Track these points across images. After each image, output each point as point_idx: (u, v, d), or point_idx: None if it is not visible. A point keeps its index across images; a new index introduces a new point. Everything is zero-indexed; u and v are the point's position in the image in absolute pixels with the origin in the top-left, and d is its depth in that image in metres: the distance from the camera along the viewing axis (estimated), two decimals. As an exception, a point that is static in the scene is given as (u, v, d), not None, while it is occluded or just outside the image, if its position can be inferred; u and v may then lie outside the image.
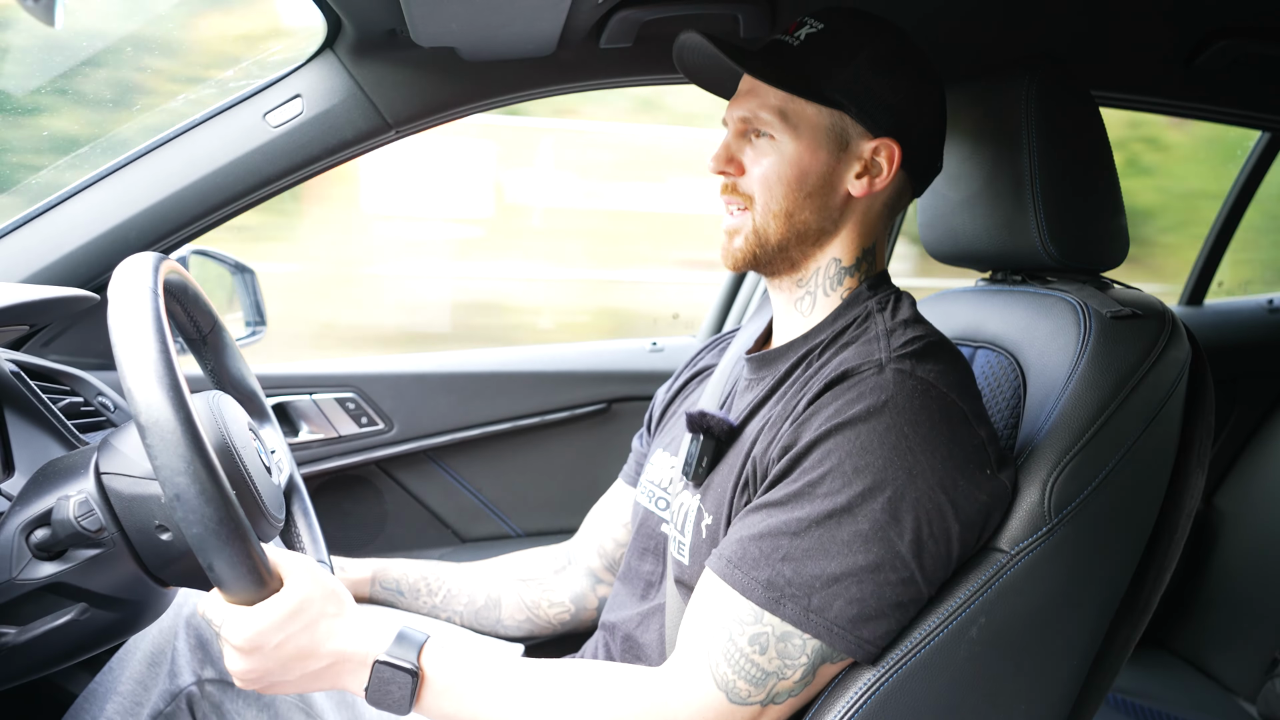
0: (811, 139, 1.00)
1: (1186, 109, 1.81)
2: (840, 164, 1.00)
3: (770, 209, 1.00)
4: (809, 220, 1.01)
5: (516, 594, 1.29)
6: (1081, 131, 1.13)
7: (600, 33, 1.46)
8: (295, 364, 1.81)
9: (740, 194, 1.02)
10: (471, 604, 1.28)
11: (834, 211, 1.01)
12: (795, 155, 0.99)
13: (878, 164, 1.01)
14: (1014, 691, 0.99)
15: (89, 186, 1.47)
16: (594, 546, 1.30)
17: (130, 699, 1.06)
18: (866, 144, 1.00)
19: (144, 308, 0.81)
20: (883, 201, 1.03)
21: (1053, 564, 0.94)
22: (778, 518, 0.89)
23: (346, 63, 1.50)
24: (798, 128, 0.99)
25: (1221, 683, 2.09)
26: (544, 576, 1.31)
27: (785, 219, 1.00)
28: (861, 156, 1.00)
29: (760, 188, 1.01)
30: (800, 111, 1.00)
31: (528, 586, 1.30)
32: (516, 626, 1.29)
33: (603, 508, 1.32)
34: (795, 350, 1.03)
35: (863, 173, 1.01)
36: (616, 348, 2.13)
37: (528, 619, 1.29)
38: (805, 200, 1.00)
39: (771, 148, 1.00)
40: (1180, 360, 1.04)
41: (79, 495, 0.89)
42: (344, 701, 1.09)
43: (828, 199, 1.01)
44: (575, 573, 1.31)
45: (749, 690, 0.87)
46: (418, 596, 1.27)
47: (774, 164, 1.00)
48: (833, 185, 1.01)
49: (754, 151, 1.02)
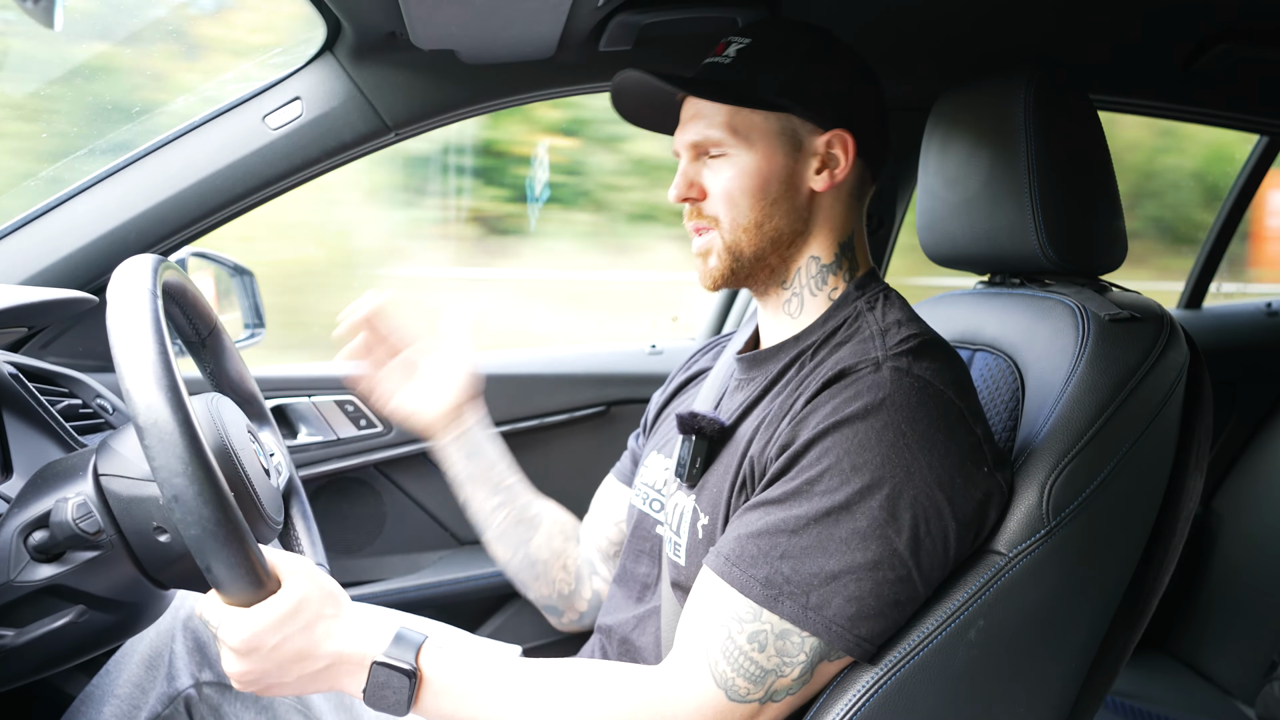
0: (765, 146, 1.01)
1: (1185, 112, 1.82)
2: (798, 164, 1.02)
3: (739, 224, 1.01)
4: (780, 226, 1.02)
5: (549, 532, 1.28)
6: (1080, 135, 1.13)
7: (600, 36, 1.46)
8: (294, 366, 1.81)
9: (706, 216, 1.03)
10: (526, 508, 1.26)
11: (802, 211, 1.03)
12: (753, 166, 1.01)
13: (834, 156, 1.02)
14: (1013, 694, 0.99)
15: (88, 188, 1.47)
16: (590, 539, 1.31)
17: (128, 701, 1.06)
18: (819, 138, 1.02)
19: (143, 310, 0.81)
20: (847, 192, 1.04)
21: (1051, 566, 0.94)
22: (776, 515, 0.90)
23: (346, 65, 1.50)
24: (749, 138, 1.01)
25: (1220, 685, 2.09)
26: (569, 535, 1.30)
27: (756, 230, 1.01)
28: (816, 152, 1.02)
29: (725, 205, 1.02)
30: (749, 122, 1.01)
31: (558, 535, 1.29)
32: (530, 564, 1.27)
33: (596, 504, 1.33)
34: (787, 351, 1.03)
35: (821, 167, 1.02)
36: (615, 350, 2.13)
37: (545, 562, 1.27)
38: (771, 207, 1.01)
39: (728, 164, 1.01)
40: (1178, 363, 1.04)
41: (77, 497, 0.89)
42: (342, 703, 1.09)
43: (793, 200, 1.02)
44: (583, 555, 1.31)
45: (748, 688, 0.88)
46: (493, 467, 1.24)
47: (734, 178, 1.01)
48: (795, 186, 1.02)
49: (711, 172, 1.03)
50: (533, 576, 1.28)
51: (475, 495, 1.26)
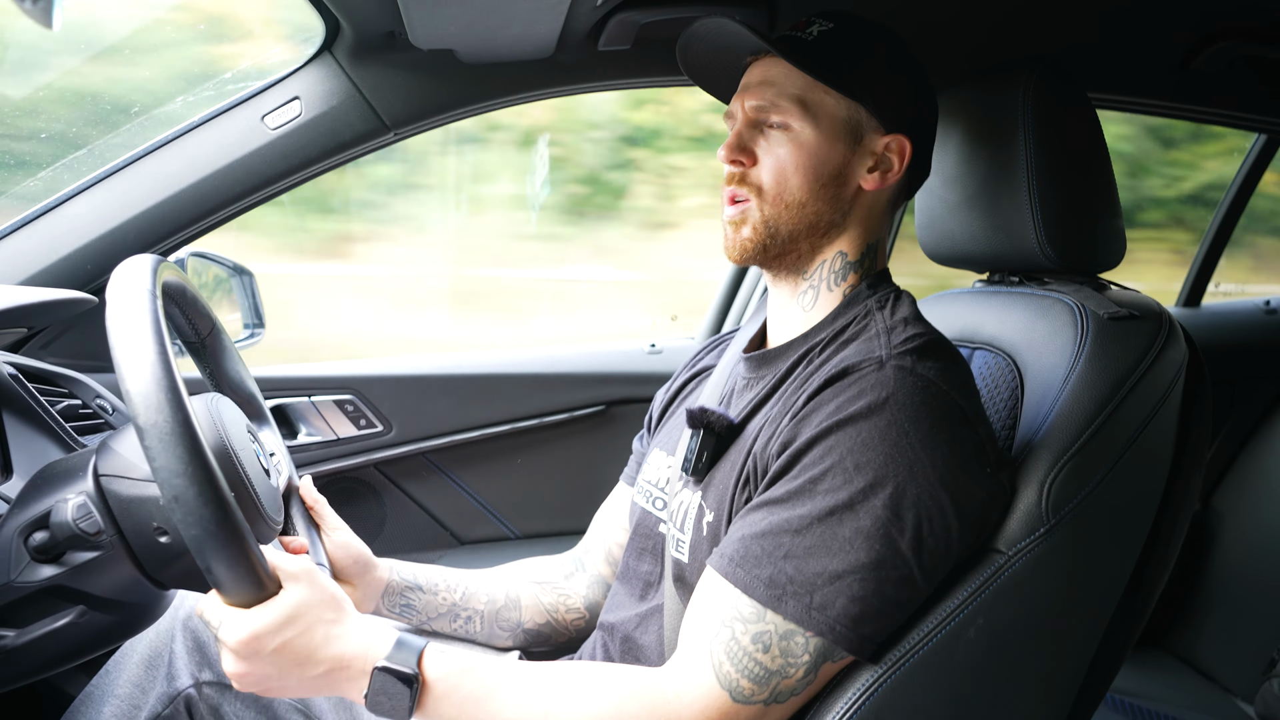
0: (830, 130, 1.00)
1: (1183, 111, 1.82)
2: (855, 157, 1.01)
3: (783, 199, 1.01)
4: (821, 211, 1.01)
5: (534, 595, 1.27)
6: (1078, 133, 1.13)
7: (599, 35, 1.46)
8: (294, 366, 1.81)
9: (749, 184, 1.02)
10: (492, 602, 1.25)
11: (844, 204, 1.02)
12: (812, 145, 1.00)
13: (888, 159, 1.02)
14: (1012, 692, 0.99)
15: (87, 188, 1.47)
16: (601, 552, 1.29)
17: (128, 701, 1.05)
18: (879, 139, 1.01)
19: (142, 310, 0.81)
20: (887, 198, 1.05)
21: (1050, 565, 0.94)
22: (779, 515, 0.89)
23: (345, 65, 1.50)
24: (817, 117, 1.00)
25: (1219, 683, 2.09)
26: (556, 581, 1.29)
27: (798, 209, 1.01)
28: (874, 151, 1.02)
29: (773, 178, 1.01)
30: (820, 101, 1.00)
31: (544, 590, 1.28)
32: (537, 630, 1.27)
33: (606, 512, 1.31)
34: (796, 348, 1.03)
35: (874, 167, 1.02)
36: (615, 350, 2.13)
37: (548, 622, 1.27)
38: (820, 191, 1.01)
39: (787, 137, 1.00)
40: (1177, 361, 1.04)
41: (77, 498, 0.89)
42: (343, 704, 1.09)
43: (840, 191, 1.01)
44: (586, 578, 1.29)
45: (752, 689, 0.87)
46: (436, 592, 1.23)
47: (790, 154, 1.00)
48: (845, 178, 1.01)
49: (768, 142, 1.02)
50: (546, 638, 1.28)
51: (442, 629, 1.24)
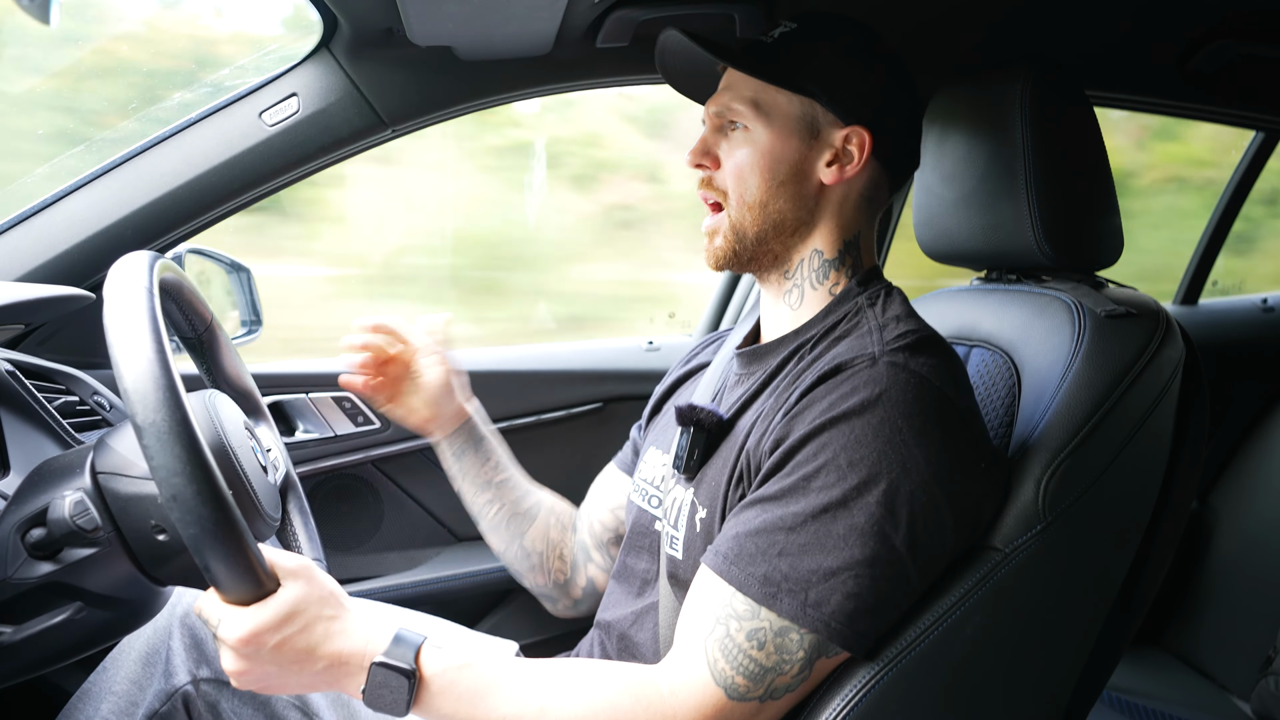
0: (783, 127, 1.02)
1: (1181, 109, 1.82)
2: (811, 151, 1.02)
3: (745, 200, 1.02)
4: (784, 209, 1.02)
5: (545, 524, 1.32)
6: (1076, 131, 1.14)
7: (597, 32, 1.46)
8: (291, 362, 1.80)
9: (715, 188, 1.04)
10: (518, 504, 1.31)
11: (809, 201, 1.03)
12: (767, 144, 1.02)
13: (849, 152, 1.02)
14: (1009, 689, 0.99)
15: (85, 185, 1.47)
16: (586, 525, 1.33)
17: (126, 698, 1.06)
18: (837, 132, 1.02)
19: (139, 306, 0.81)
20: (858, 192, 1.04)
21: (1047, 562, 0.94)
22: (773, 513, 0.90)
23: (343, 61, 1.50)
24: (770, 115, 1.02)
25: (1216, 680, 2.09)
26: (566, 525, 1.34)
27: (760, 209, 1.02)
28: (832, 144, 1.02)
29: (734, 179, 1.03)
30: (772, 101, 1.02)
31: (554, 526, 1.33)
32: (525, 555, 1.31)
33: (594, 490, 1.35)
34: (787, 345, 1.03)
35: (833, 160, 1.02)
36: (612, 347, 2.13)
37: (540, 554, 1.31)
38: (778, 189, 1.02)
39: (745, 138, 1.02)
40: (1174, 359, 1.04)
41: (75, 494, 0.89)
42: (340, 701, 1.09)
43: (801, 187, 1.02)
44: (578, 541, 1.33)
45: (747, 686, 0.88)
46: (486, 461, 1.29)
47: (747, 154, 1.02)
48: (805, 173, 1.02)
49: (728, 144, 1.04)
50: (528, 568, 1.32)
51: (465, 491, 1.31)
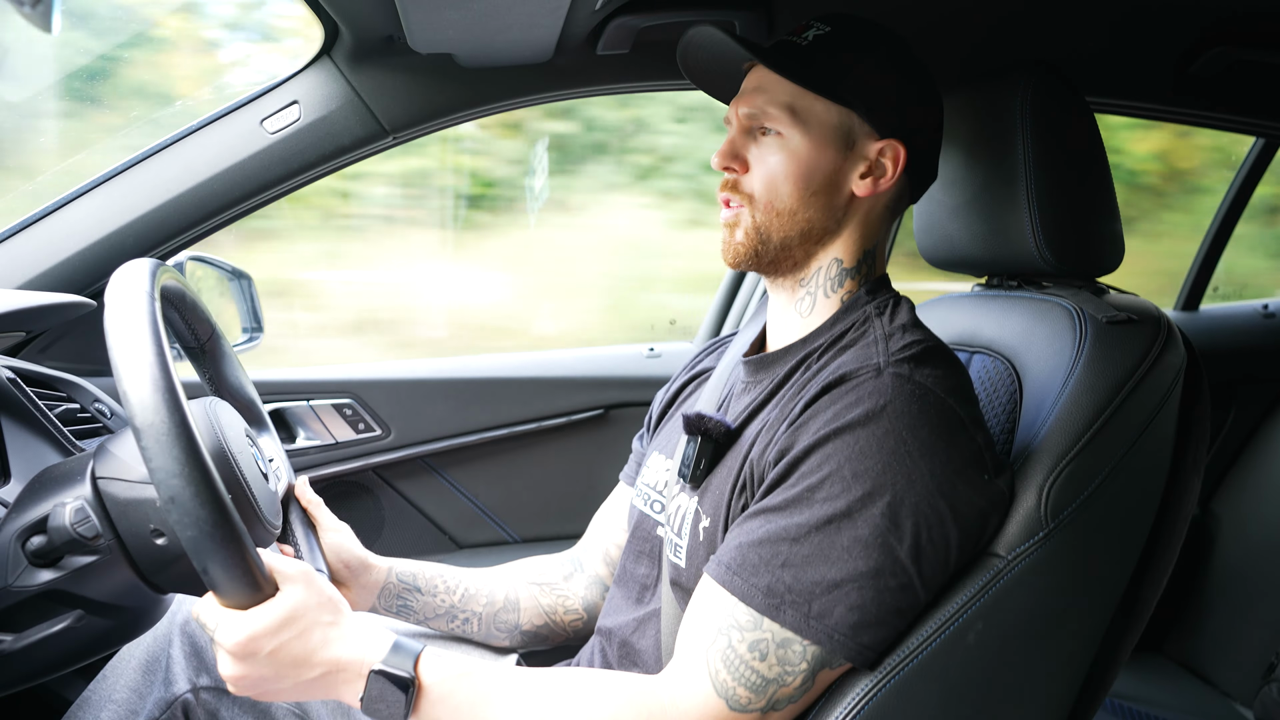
0: (819, 136, 1.00)
1: (1181, 115, 1.82)
2: (846, 163, 1.01)
3: (774, 207, 1.00)
4: (813, 219, 1.01)
5: (533, 597, 1.27)
6: (1076, 137, 1.14)
7: (597, 39, 1.47)
8: (293, 370, 1.81)
9: (741, 192, 1.02)
10: (491, 604, 1.25)
11: (838, 211, 1.02)
12: (803, 152, 0.99)
13: (882, 165, 1.01)
14: (1011, 697, 0.99)
15: (86, 192, 1.47)
16: (599, 553, 1.29)
17: (125, 706, 1.05)
18: (872, 144, 1.01)
19: (140, 313, 0.81)
20: (884, 204, 1.04)
21: (1049, 569, 0.94)
22: (777, 524, 0.89)
23: (344, 69, 1.50)
24: (807, 124, 0.99)
25: (1218, 687, 2.09)
26: (555, 582, 1.29)
27: (789, 217, 1.00)
28: (867, 157, 1.01)
29: (764, 186, 1.00)
30: (810, 108, 1.00)
31: (542, 591, 1.27)
32: (534, 631, 1.26)
33: (605, 512, 1.31)
34: (794, 354, 1.03)
35: (867, 173, 1.01)
36: (613, 353, 2.13)
37: (546, 624, 1.27)
38: (810, 199, 1.00)
39: (778, 145, 1.00)
40: (1176, 365, 1.04)
41: (75, 502, 0.89)
42: (340, 709, 1.09)
43: (832, 198, 1.01)
44: (584, 579, 1.29)
45: (749, 697, 0.87)
46: (435, 593, 1.23)
47: (780, 162, 1.00)
48: (837, 184, 1.01)
49: (759, 149, 1.01)
50: (544, 638, 1.28)
51: (437, 627, 1.25)
